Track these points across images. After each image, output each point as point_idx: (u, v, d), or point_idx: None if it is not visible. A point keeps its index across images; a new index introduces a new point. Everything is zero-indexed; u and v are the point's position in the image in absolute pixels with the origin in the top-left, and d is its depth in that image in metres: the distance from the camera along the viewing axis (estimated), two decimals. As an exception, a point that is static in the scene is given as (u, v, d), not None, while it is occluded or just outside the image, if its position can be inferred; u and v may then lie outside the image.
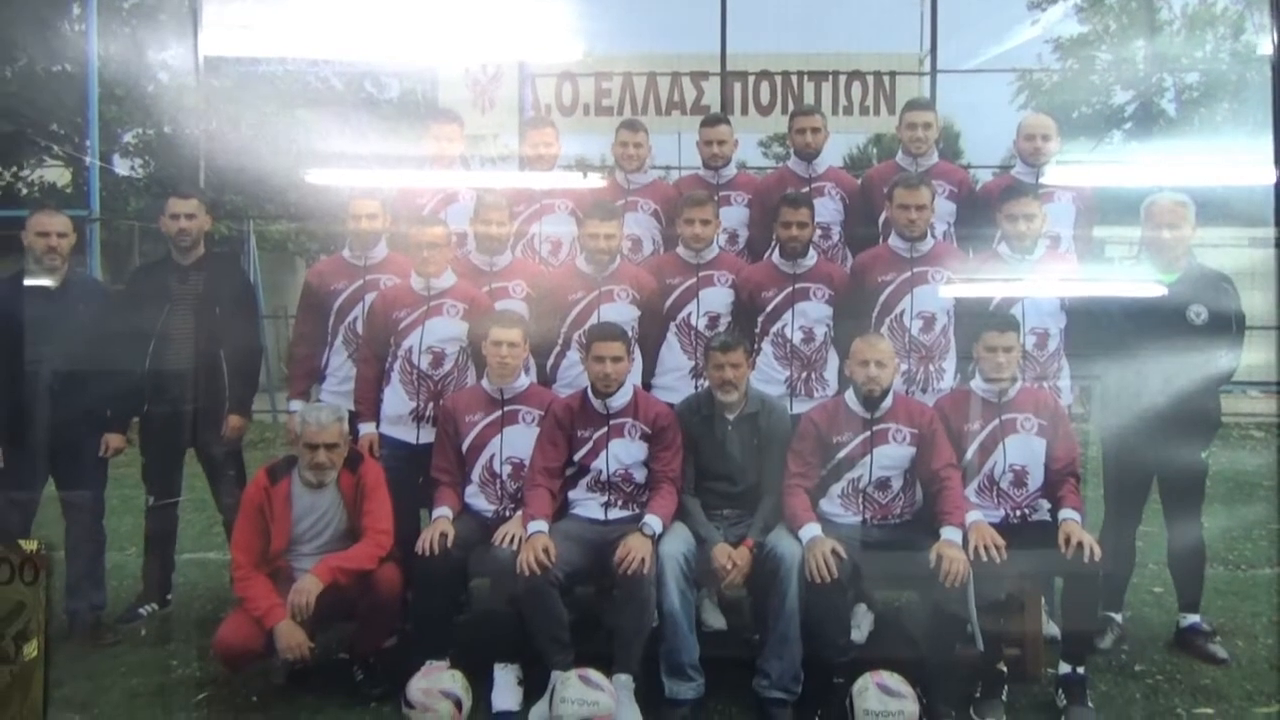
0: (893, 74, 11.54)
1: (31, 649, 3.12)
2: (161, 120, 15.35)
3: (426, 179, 5.46)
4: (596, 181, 5.72)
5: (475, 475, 4.86)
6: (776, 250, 5.28)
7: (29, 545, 3.09)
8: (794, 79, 11.52)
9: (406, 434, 5.09)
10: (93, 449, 5.33)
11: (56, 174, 16.83)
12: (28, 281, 5.24)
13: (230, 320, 5.55)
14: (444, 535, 4.58)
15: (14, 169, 16.22)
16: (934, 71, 11.54)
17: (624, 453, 4.77)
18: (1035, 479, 4.74)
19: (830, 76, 11.47)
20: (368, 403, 5.12)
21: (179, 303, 5.46)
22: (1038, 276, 5.08)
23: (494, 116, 11.07)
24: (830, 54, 11.75)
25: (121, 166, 16.88)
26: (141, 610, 5.50)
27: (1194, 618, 5.15)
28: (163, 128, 15.62)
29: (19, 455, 5.17)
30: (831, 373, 5.20)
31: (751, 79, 11.53)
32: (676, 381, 5.25)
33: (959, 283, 5.11)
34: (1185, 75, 21.30)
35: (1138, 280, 5.08)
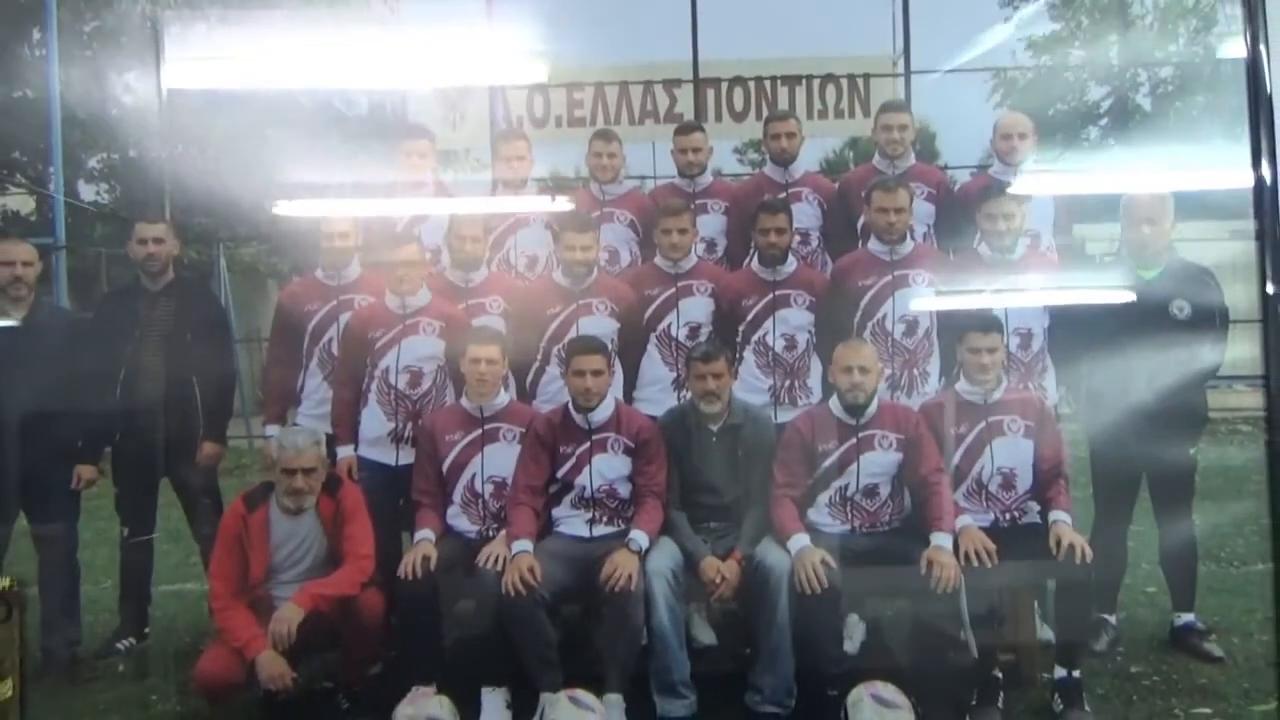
0: (866, 76, 11.54)
1: (5, 689, 3.07)
2: (126, 145, 15.27)
3: (398, 206, 5.40)
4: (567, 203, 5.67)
5: (457, 496, 4.83)
6: (755, 257, 5.28)
7: (1, 583, 3.04)
8: (767, 84, 11.51)
9: (385, 456, 5.05)
10: (64, 481, 5.26)
11: (19, 202, 16.72)
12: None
13: (202, 345, 5.49)
14: (426, 558, 4.53)
15: (-27, 198, 16.10)
16: (908, 73, 11.57)
17: (607, 467, 4.75)
18: (1024, 481, 4.74)
19: (804, 81, 11.46)
20: (345, 425, 5.07)
21: (149, 329, 5.41)
22: (1020, 275, 5.07)
23: (465, 131, 11.04)
24: (803, 58, 11.77)
25: (86, 193, 16.78)
26: (119, 645, 5.44)
27: (1188, 617, 5.17)
28: (128, 152, 15.54)
29: (-12, 490, 5.11)
30: (815, 380, 5.20)
31: (725, 85, 11.52)
32: (658, 394, 5.23)
33: (941, 288, 5.09)
34: (1159, 70, 21.47)
35: (1119, 276, 5.09)
